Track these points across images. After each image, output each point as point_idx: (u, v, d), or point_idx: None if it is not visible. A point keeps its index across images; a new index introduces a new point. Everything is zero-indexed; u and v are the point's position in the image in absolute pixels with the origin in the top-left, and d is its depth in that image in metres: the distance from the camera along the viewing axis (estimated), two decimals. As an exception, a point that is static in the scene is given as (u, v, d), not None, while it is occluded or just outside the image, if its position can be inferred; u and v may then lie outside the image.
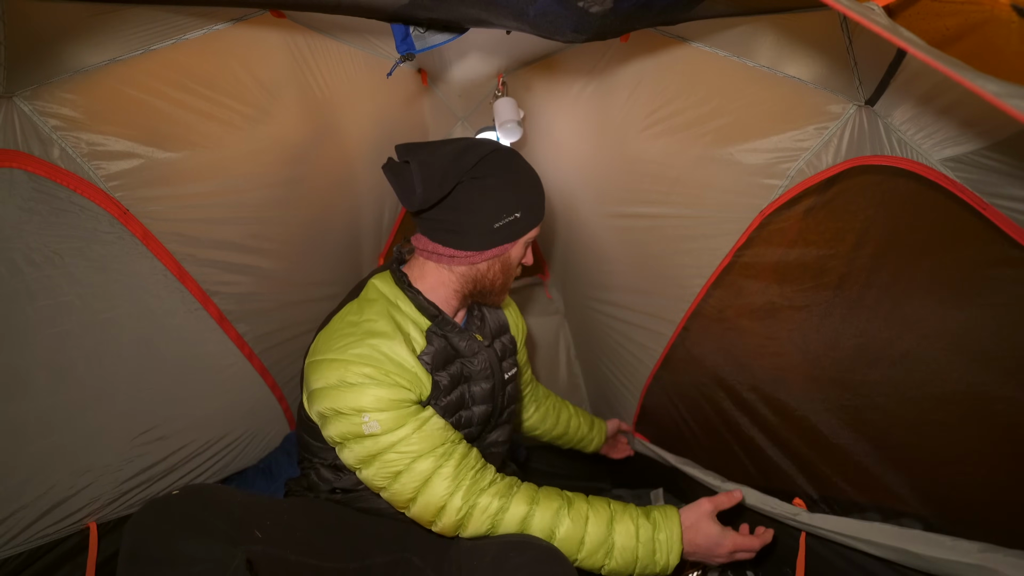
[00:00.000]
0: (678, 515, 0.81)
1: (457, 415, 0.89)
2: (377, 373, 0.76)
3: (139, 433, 1.06)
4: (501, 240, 0.85)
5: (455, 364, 0.89)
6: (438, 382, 0.84)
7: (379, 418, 0.76)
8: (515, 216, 0.84)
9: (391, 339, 0.80)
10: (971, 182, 0.73)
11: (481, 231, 0.83)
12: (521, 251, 0.89)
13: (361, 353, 0.77)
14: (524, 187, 0.87)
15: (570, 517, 0.77)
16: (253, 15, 0.97)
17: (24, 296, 0.88)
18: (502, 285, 0.90)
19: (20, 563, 0.89)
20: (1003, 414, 0.71)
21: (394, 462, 0.76)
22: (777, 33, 0.87)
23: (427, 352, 0.84)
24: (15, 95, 0.84)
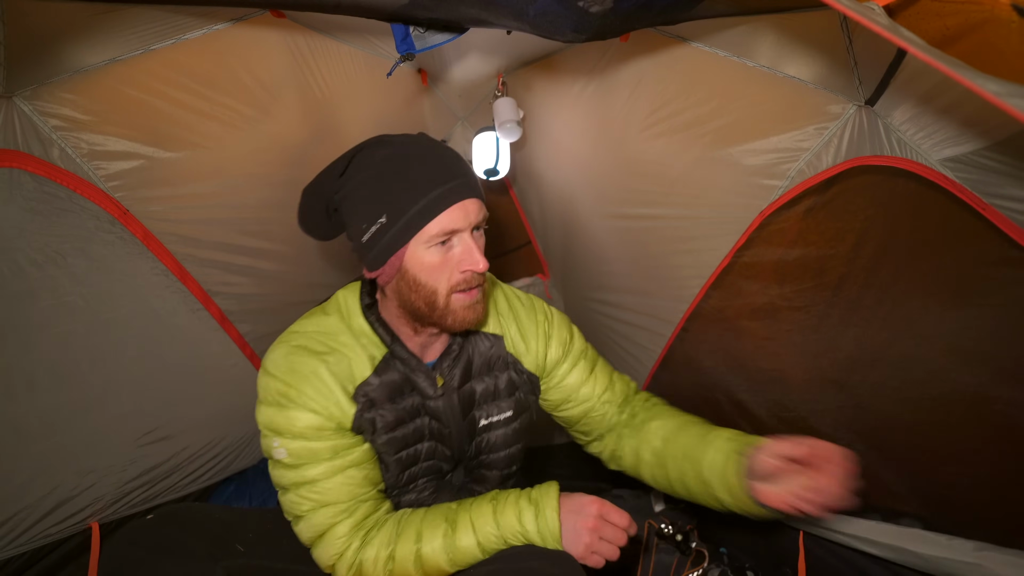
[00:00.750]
0: (556, 491, 0.74)
1: (415, 447, 0.80)
2: (294, 394, 0.70)
3: (142, 434, 1.07)
4: (381, 255, 0.70)
5: (411, 397, 0.78)
6: (374, 419, 0.75)
7: (288, 446, 0.71)
8: (379, 223, 0.68)
9: (317, 357, 0.72)
10: (970, 182, 0.73)
11: (360, 250, 0.72)
12: (431, 258, 0.69)
13: (282, 369, 0.72)
14: (388, 180, 0.69)
15: (457, 535, 0.72)
16: (253, 15, 0.97)
17: (27, 296, 0.88)
18: (429, 304, 0.71)
19: (23, 563, 0.89)
20: (1001, 414, 0.71)
21: (297, 504, 0.73)
22: (777, 33, 0.87)
23: (369, 383, 0.75)
24: (15, 95, 0.84)
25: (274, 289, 1.29)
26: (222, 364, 1.23)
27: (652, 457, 0.85)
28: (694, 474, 0.79)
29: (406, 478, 0.82)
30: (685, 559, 1.20)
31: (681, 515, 1.33)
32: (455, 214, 0.69)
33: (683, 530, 1.24)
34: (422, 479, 0.84)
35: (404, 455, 0.80)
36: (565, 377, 0.89)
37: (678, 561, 1.20)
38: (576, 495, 0.74)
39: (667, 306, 1.28)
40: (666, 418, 0.86)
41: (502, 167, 1.47)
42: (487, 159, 1.46)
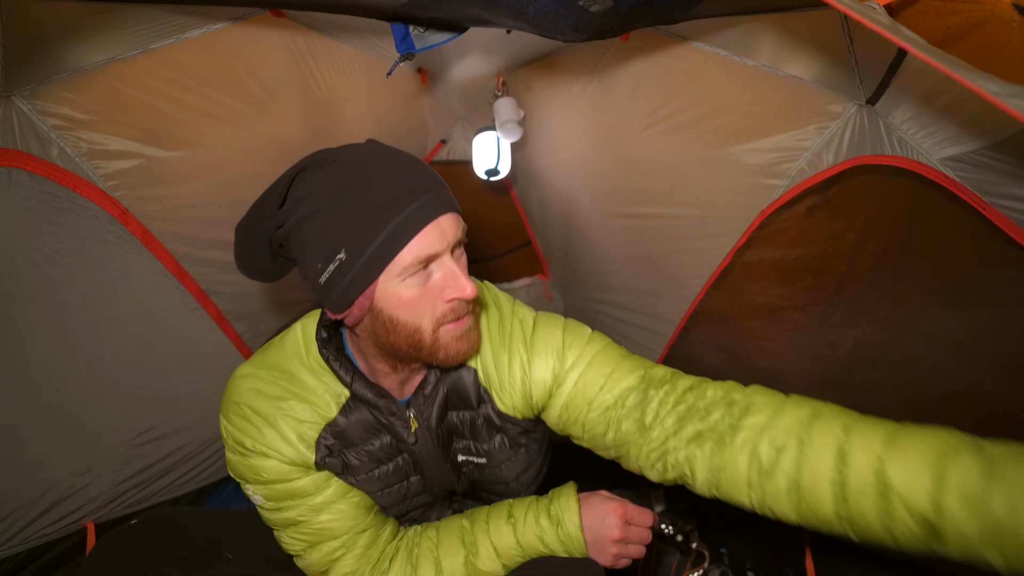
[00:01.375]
0: (576, 504, 0.68)
1: (401, 485, 0.72)
2: (249, 443, 0.63)
3: (137, 433, 1.06)
4: (346, 295, 0.57)
5: (381, 436, 0.69)
6: (345, 464, 0.67)
7: (262, 492, 0.65)
8: (338, 260, 0.55)
9: (272, 404, 0.64)
10: (971, 181, 0.73)
11: (319, 292, 0.59)
12: (407, 293, 0.57)
13: (235, 416, 0.64)
14: (344, 208, 0.55)
15: (479, 560, 0.68)
16: (253, 14, 0.96)
17: (25, 296, 0.87)
18: (413, 344, 0.59)
19: (18, 563, 0.89)
20: (1002, 414, 0.71)
21: (290, 544, 0.68)
22: (778, 32, 0.87)
23: (336, 425, 0.66)
24: (14, 94, 0.83)
25: (272, 288, 1.29)
26: (219, 363, 1.23)
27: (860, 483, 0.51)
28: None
29: (395, 512, 0.76)
30: (685, 559, 1.20)
31: (681, 515, 1.32)
32: (430, 237, 0.56)
33: (683, 531, 1.23)
34: (415, 511, 0.79)
35: (387, 492, 0.72)
36: (576, 392, 0.68)
37: (678, 561, 1.20)
38: (595, 502, 0.70)
39: (668, 305, 1.28)
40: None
41: (503, 167, 1.47)
42: (488, 159, 1.46)
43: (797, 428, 0.55)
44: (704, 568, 1.16)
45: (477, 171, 1.49)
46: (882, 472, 0.49)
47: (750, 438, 0.57)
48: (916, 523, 0.47)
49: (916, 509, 0.47)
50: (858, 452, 0.51)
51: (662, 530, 1.23)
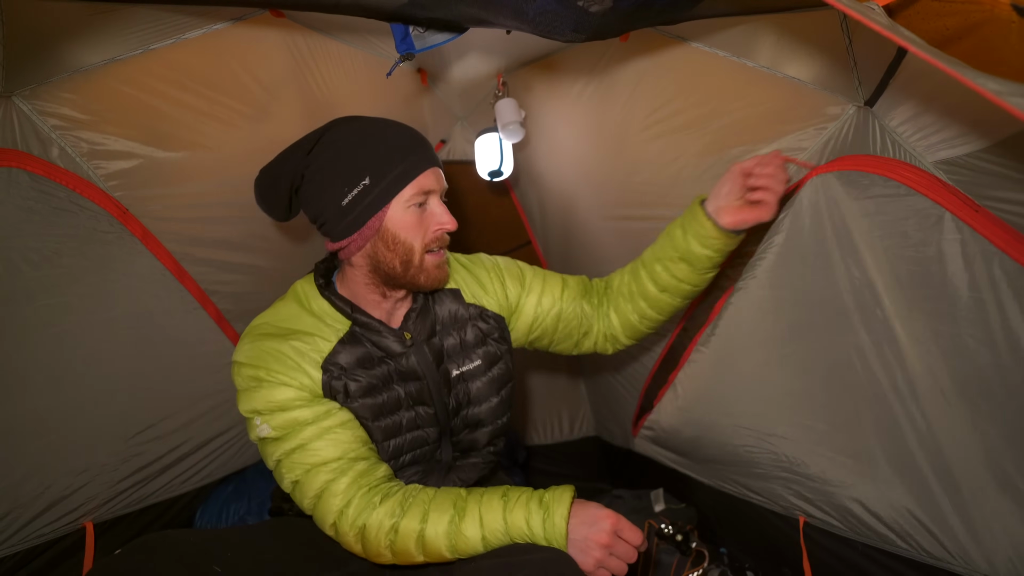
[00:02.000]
0: (571, 496, 0.72)
1: (396, 415, 0.82)
2: (263, 374, 0.75)
3: (136, 432, 1.06)
4: (363, 216, 0.75)
5: (383, 365, 0.81)
6: (347, 386, 0.78)
7: (270, 421, 0.74)
8: (363, 184, 0.74)
9: (280, 339, 0.77)
10: (964, 184, 0.73)
11: (336, 215, 0.76)
12: (409, 217, 0.76)
13: (250, 354, 0.76)
14: (369, 147, 0.76)
15: (463, 524, 0.71)
16: (253, 15, 0.97)
17: (22, 296, 0.87)
18: (405, 262, 0.77)
19: (16, 562, 0.89)
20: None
21: (290, 470, 0.75)
22: (777, 33, 0.87)
23: (336, 353, 0.78)
24: (14, 94, 0.84)
25: (271, 288, 1.28)
26: (218, 363, 1.23)
27: (631, 289, 0.96)
28: (670, 258, 0.90)
29: (392, 450, 0.82)
30: (685, 559, 1.20)
31: (681, 515, 1.33)
32: (430, 177, 0.78)
33: (683, 530, 1.24)
34: (408, 454, 0.84)
35: (385, 424, 0.81)
36: (528, 303, 0.94)
37: (678, 561, 1.20)
38: (591, 506, 0.72)
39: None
40: (624, 270, 0.99)
41: (506, 168, 1.47)
42: (491, 160, 1.46)
43: (629, 274, 0.99)
44: (704, 568, 1.17)
45: (480, 172, 1.49)
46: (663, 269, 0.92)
47: (619, 291, 0.99)
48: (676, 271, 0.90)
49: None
50: (652, 271, 0.94)
51: (662, 529, 1.23)
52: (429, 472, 0.88)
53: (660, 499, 1.38)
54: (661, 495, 1.39)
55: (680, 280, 0.91)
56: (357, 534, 0.73)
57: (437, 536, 0.71)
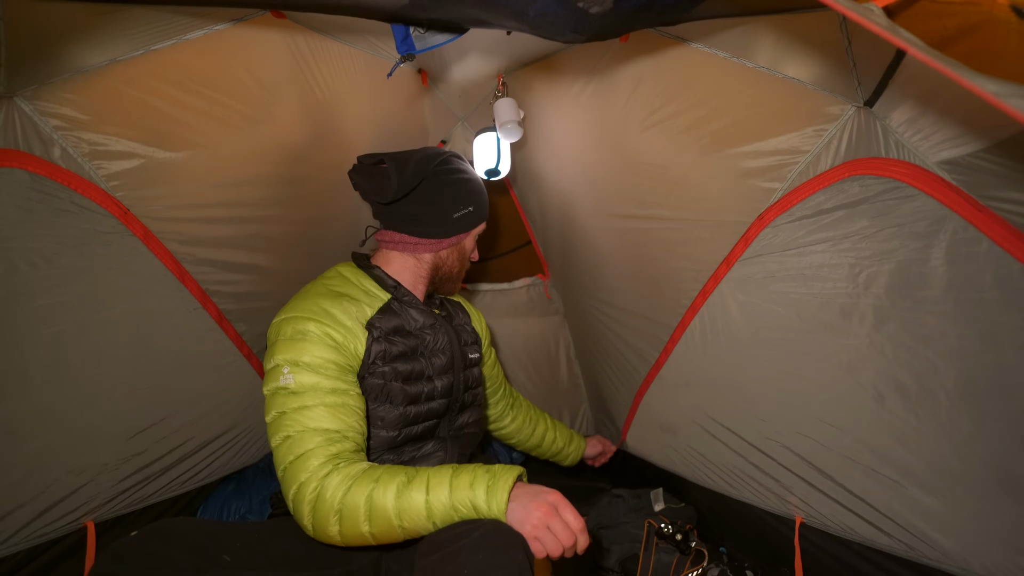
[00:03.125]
0: (518, 472, 0.74)
1: (420, 383, 0.93)
2: (314, 327, 0.84)
3: (136, 432, 1.06)
4: (458, 230, 1.00)
5: (411, 338, 0.94)
6: (387, 349, 0.89)
7: (297, 375, 0.80)
8: (469, 209, 1.00)
9: (333, 299, 0.89)
10: (968, 184, 0.73)
11: (442, 220, 0.98)
12: (472, 243, 1.05)
13: (303, 308, 0.86)
14: (475, 185, 1.02)
15: (410, 488, 0.72)
16: (254, 15, 0.97)
17: (22, 296, 0.88)
18: (458, 273, 1.04)
19: (17, 562, 0.89)
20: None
21: (288, 424, 0.78)
22: (776, 34, 0.87)
23: (377, 319, 0.91)
24: (16, 95, 0.84)
25: (272, 288, 1.29)
26: (219, 363, 1.23)
27: (534, 441, 1.35)
28: (550, 454, 1.39)
29: (411, 416, 0.91)
30: (685, 558, 1.20)
31: (681, 514, 1.33)
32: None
33: (683, 529, 1.24)
34: (420, 424, 0.93)
35: (411, 391, 0.91)
36: (491, 361, 1.24)
37: (678, 560, 1.20)
38: (539, 485, 0.73)
39: (665, 308, 1.28)
40: (528, 421, 1.35)
41: (503, 167, 1.47)
42: (488, 159, 1.46)
43: (525, 417, 1.34)
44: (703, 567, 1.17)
45: (477, 171, 1.49)
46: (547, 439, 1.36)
47: (516, 417, 1.33)
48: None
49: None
50: (544, 432, 1.35)
51: (661, 529, 1.24)
52: (430, 441, 0.96)
53: (660, 499, 1.38)
54: (661, 495, 1.40)
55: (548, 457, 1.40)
56: (312, 500, 0.73)
57: (385, 499, 0.70)
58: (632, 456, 1.59)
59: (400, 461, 0.91)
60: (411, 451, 0.94)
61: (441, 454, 0.96)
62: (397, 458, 0.92)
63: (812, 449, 0.98)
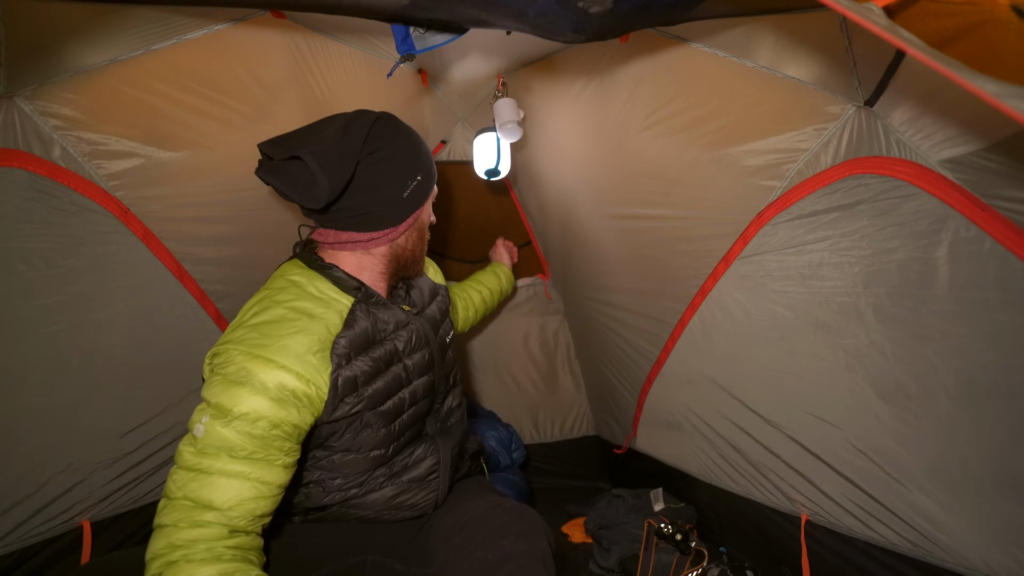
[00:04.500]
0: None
1: (398, 395, 0.83)
2: (258, 367, 0.68)
3: (130, 431, 1.06)
4: (412, 207, 0.84)
5: (381, 347, 0.81)
6: (355, 376, 0.76)
7: (211, 426, 0.67)
8: (418, 179, 0.83)
9: (290, 324, 0.72)
10: (970, 183, 0.73)
11: (394, 204, 0.81)
12: (429, 211, 0.90)
13: (248, 341, 0.70)
14: (417, 147, 0.84)
15: None
16: (253, 15, 0.97)
17: (19, 295, 0.88)
18: (420, 252, 0.90)
19: (13, 561, 0.89)
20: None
21: (180, 488, 0.66)
22: (776, 34, 0.87)
23: (344, 336, 0.76)
24: (16, 95, 0.84)
25: (273, 289, 1.29)
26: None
27: (479, 315, 1.38)
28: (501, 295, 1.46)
29: (397, 429, 0.84)
30: (685, 558, 1.20)
31: (681, 514, 1.33)
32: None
33: (683, 529, 1.24)
34: (407, 432, 0.87)
35: (388, 406, 0.82)
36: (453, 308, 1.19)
37: (678, 560, 1.20)
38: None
39: (665, 307, 1.28)
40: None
41: (503, 167, 1.47)
42: (488, 159, 1.46)
43: (464, 306, 1.33)
44: (703, 566, 1.17)
45: (477, 171, 1.49)
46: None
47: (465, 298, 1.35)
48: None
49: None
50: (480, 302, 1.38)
51: (661, 529, 1.23)
52: (419, 444, 0.90)
53: (660, 498, 1.38)
54: (661, 495, 1.40)
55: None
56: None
57: None
58: (632, 456, 1.58)
59: (391, 473, 0.85)
60: (402, 460, 0.86)
61: (431, 460, 0.88)
62: (389, 471, 0.85)
63: (815, 446, 0.98)
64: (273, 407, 0.68)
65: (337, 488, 0.82)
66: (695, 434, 1.28)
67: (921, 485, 0.81)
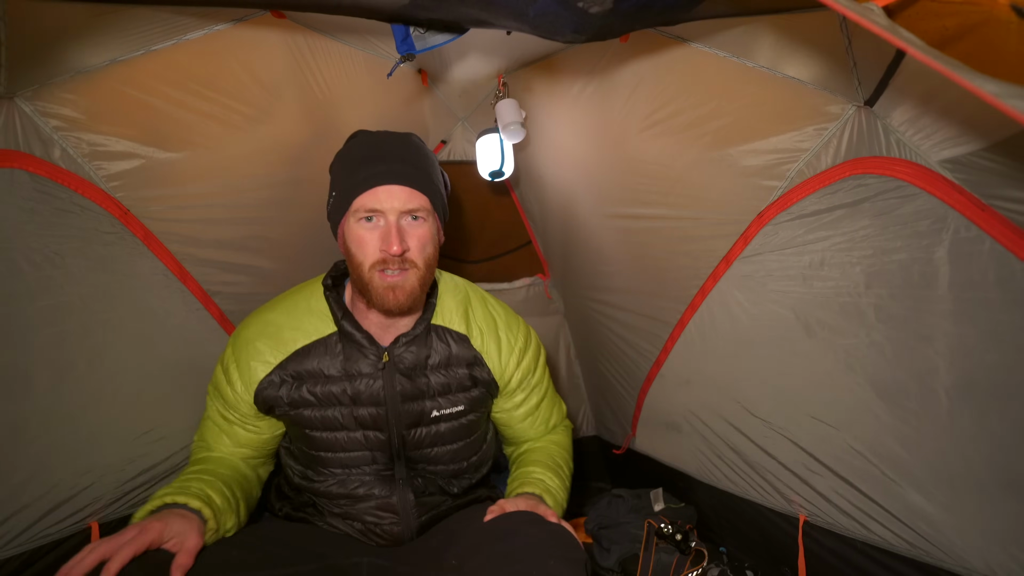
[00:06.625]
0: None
1: (336, 433, 0.85)
2: (219, 370, 0.90)
3: (140, 433, 1.06)
4: (333, 223, 0.84)
5: (336, 384, 0.83)
6: (291, 394, 0.84)
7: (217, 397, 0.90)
8: (332, 195, 0.83)
9: (251, 342, 0.85)
10: (970, 183, 0.73)
11: (328, 217, 0.85)
12: (360, 232, 0.78)
13: (234, 344, 0.88)
14: (343, 161, 0.83)
15: None
16: (253, 15, 0.97)
17: (24, 296, 0.88)
18: (358, 276, 0.79)
19: (22, 563, 0.89)
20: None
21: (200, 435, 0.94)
22: (776, 34, 0.87)
23: (290, 361, 0.84)
24: (16, 95, 0.84)
25: (274, 288, 1.29)
26: (222, 364, 1.23)
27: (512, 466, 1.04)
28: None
29: (333, 460, 0.86)
30: (685, 558, 1.20)
31: (681, 514, 1.33)
32: (378, 195, 0.77)
33: (683, 530, 1.24)
34: (354, 468, 0.86)
35: (323, 436, 0.85)
36: (515, 408, 0.97)
37: (678, 560, 1.20)
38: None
39: (666, 306, 1.28)
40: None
41: (507, 168, 1.47)
42: (492, 161, 1.46)
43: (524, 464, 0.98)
44: (703, 567, 1.17)
45: (481, 173, 1.49)
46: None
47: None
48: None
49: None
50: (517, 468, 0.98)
51: (661, 529, 1.24)
52: (380, 483, 0.87)
53: (660, 499, 1.39)
54: (661, 495, 1.40)
55: None
56: None
57: None
58: (632, 456, 1.59)
59: (346, 494, 0.86)
60: (361, 484, 0.87)
61: (382, 500, 0.86)
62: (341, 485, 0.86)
63: (814, 447, 0.98)
64: (223, 389, 0.88)
65: (299, 474, 0.91)
66: (694, 434, 1.28)
67: (921, 485, 0.81)
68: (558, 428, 1.04)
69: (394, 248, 0.76)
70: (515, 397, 0.95)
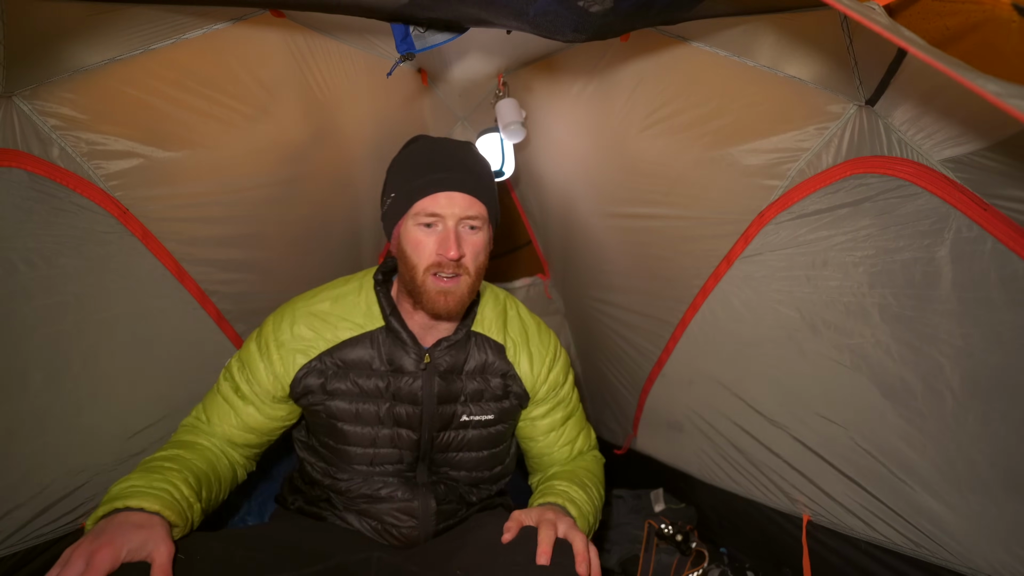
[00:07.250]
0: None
1: (371, 428, 0.85)
2: (255, 349, 0.89)
3: (134, 433, 1.06)
4: (389, 224, 0.85)
5: (381, 378, 0.84)
6: (328, 383, 0.84)
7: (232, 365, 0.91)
8: (391, 196, 0.83)
9: (300, 321, 0.87)
10: (971, 182, 0.73)
11: (383, 218, 0.86)
12: (417, 235, 0.79)
13: (272, 324, 0.90)
14: (403, 165, 0.84)
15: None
16: (253, 15, 0.97)
17: (21, 295, 0.87)
18: (411, 278, 0.80)
19: (15, 563, 0.89)
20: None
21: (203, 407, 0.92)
22: (777, 33, 0.87)
23: (344, 348, 0.84)
24: (15, 94, 0.83)
25: (272, 288, 1.29)
26: (218, 364, 1.22)
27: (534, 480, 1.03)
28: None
29: (360, 456, 0.85)
30: (685, 559, 1.20)
31: (681, 515, 1.32)
32: (439, 200, 0.79)
33: (683, 530, 1.24)
34: (379, 466, 0.86)
35: (356, 431, 0.85)
36: (539, 418, 0.96)
37: (678, 561, 1.20)
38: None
39: (666, 306, 1.28)
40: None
41: (507, 168, 1.47)
42: (492, 161, 1.46)
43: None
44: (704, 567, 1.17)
45: (478, 172, 1.49)
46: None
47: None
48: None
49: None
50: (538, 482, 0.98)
51: (662, 529, 1.23)
52: (403, 485, 0.88)
53: (660, 499, 1.38)
54: (661, 495, 1.39)
55: None
56: None
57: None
58: (633, 457, 1.58)
59: (369, 494, 0.86)
60: (383, 485, 0.86)
61: (404, 503, 0.85)
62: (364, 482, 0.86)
63: (820, 446, 0.97)
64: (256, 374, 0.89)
65: (321, 471, 0.90)
66: (696, 434, 1.28)
67: (926, 485, 0.81)
68: (586, 456, 1.01)
69: (452, 252, 0.77)
70: (541, 407, 0.95)
